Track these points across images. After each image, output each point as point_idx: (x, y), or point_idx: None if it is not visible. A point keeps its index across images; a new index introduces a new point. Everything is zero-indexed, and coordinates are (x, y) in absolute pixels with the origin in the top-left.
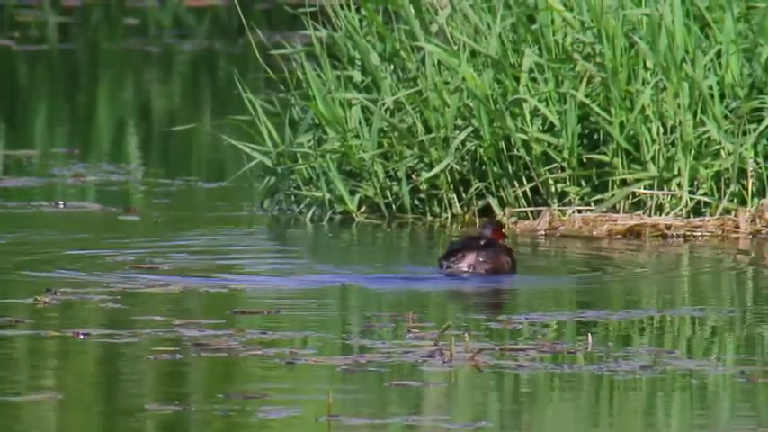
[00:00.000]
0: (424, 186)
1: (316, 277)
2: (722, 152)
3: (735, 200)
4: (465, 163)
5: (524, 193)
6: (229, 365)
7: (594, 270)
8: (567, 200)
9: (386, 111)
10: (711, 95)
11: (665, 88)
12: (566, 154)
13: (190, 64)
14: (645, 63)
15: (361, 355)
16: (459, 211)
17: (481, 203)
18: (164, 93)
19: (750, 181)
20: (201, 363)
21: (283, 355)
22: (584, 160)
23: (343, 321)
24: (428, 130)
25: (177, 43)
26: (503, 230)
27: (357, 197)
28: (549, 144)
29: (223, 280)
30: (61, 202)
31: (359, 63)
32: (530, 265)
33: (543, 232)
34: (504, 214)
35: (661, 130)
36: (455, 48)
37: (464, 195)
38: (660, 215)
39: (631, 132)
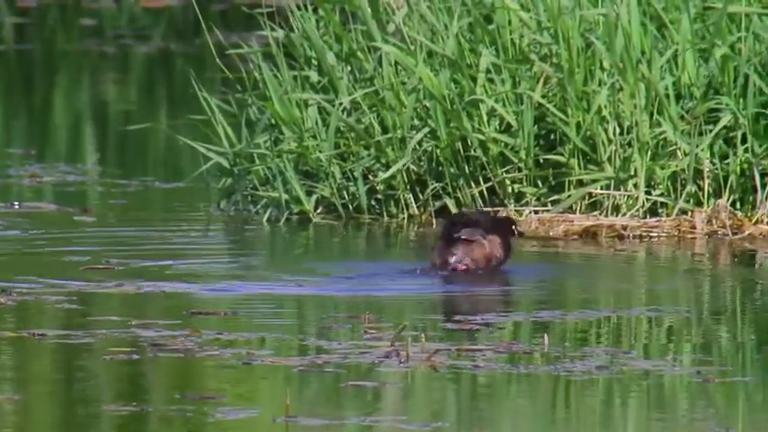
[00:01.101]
0: (380, 187)
1: (272, 278)
2: (678, 153)
3: (691, 200)
4: (422, 163)
5: (481, 194)
6: (186, 366)
7: (551, 271)
8: (523, 200)
9: (343, 111)
10: (668, 96)
11: (621, 89)
12: (522, 154)
13: (146, 64)
14: (601, 63)
15: (318, 356)
16: (416, 212)
17: (438, 204)
18: (120, 93)
19: (706, 182)
20: (158, 363)
21: (240, 355)
22: (541, 161)
23: (299, 322)
24: (385, 131)
25: (133, 44)
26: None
27: (314, 198)
28: (506, 144)
29: (179, 281)
30: (17, 203)
31: (315, 63)
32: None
33: None
34: None
35: (617, 130)
36: (412, 48)
37: (421, 196)
38: (616, 216)
39: (588, 133)
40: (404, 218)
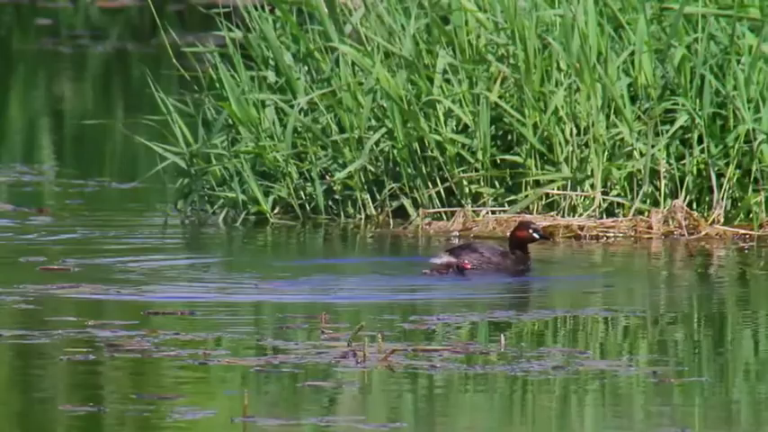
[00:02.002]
0: (337, 187)
1: (229, 278)
2: (635, 153)
3: (647, 201)
4: (379, 164)
5: (438, 194)
6: (143, 366)
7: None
8: (480, 201)
9: (300, 111)
10: (624, 97)
11: (578, 89)
12: (479, 155)
13: (102, 64)
14: (558, 64)
15: (275, 356)
16: (373, 212)
17: (395, 204)
18: (77, 93)
19: (663, 182)
20: (115, 364)
21: (197, 356)
22: (498, 161)
23: (256, 322)
24: (342, 131)
25: (90, 44)
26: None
27: (271, 198)
28: (463, 145)
29: (136, 281)
30: None
31: (273, 64)
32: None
33: (457, 233)
34: (418, 215)
35: (574, 131)
36: (369, 49)
37: (378, 196)
38: (573, 216)
39: (545, 133)
40: (361, 218)
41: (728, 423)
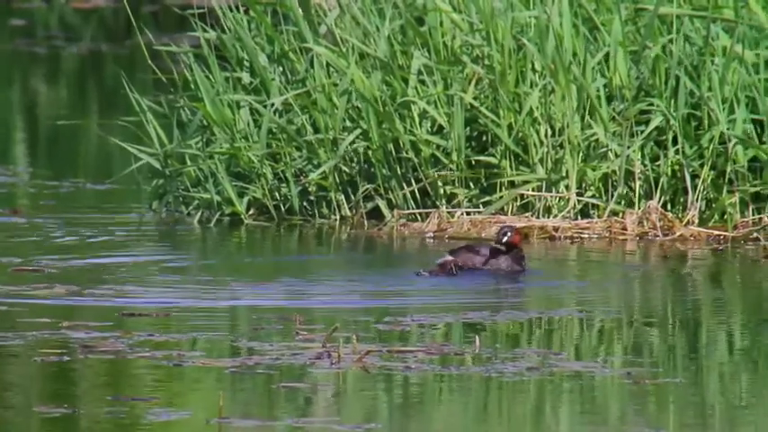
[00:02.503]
0: (312, 188)
1: (204, 279)
2: (610, 154)
3: (622, 202)
4: (353, 165)
5: (413, 195)
6: (117, 368)
7: (484, 273)
8: (455, 202)
9: (274, 112)
10: (599, 98)
11: (553, 90)
12: (454, 156)
13: (77, 65)
14: (533, 65)
15: (250, 358)
16: (348, 213)
17: (370, 205)
18: (51, 94)
19: (637, 183)
20: (89, 365)
21: (171, 357)
22: (473, 162)
23: (231, 323)
24: (316, 132)
25: (64, 44)
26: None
27: (246, 199)
28: (438, 146)
29: (111, 282)
30: None
31: (247, 65)
32: (418, 266)
33: (432, 234)
34: (393, 216)
35: (549, 132)
36: (344, 50)
37: (353, 197)
38: (548, 217)
39: (519, 134)
40: (336, 219)
41: (703, 424)
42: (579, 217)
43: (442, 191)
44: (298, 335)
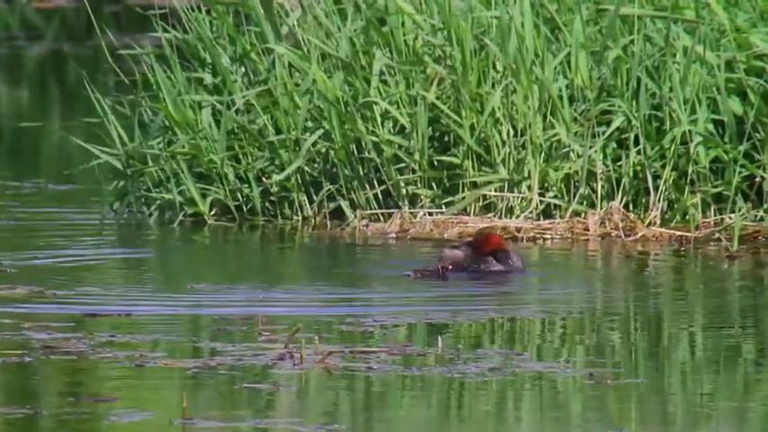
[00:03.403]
0: (274, 189)
1: (166, 280)
2: (572, 155)
3: (584, 202)
4: (316, 165)
5: (375, 196)
6: (79, 368)
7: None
8: (417, 202)
9: (236, 112)
10: (561, 98)
11: (514, 90)
12: (416, 156)
13: (38, 65)
14: (495, 65)
15: (212, 358)
16: (311, 214)
17: (332, 206)
18: (12, 94)
19: (599, 183)
20: (51, 366)
21: (133, 357)
22: (435, 162)
23: (193, 324)
24: (279, 132)
25: (25, 45)
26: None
27: (208, 199)
28: (400, 146)
29: (72, 283)
30: None
31: (209, 65)
32: (382, 267)
33: (394, 235)
34: (356, 216)
35: (511, 132)
36: (306, 50)
37: (315, 198)
38: (510, 218)
39: (482, 135)
40: (298, 220)
41: (665, 424)
42: (541, 217)
43: (404, 191)
44: (260, 336)
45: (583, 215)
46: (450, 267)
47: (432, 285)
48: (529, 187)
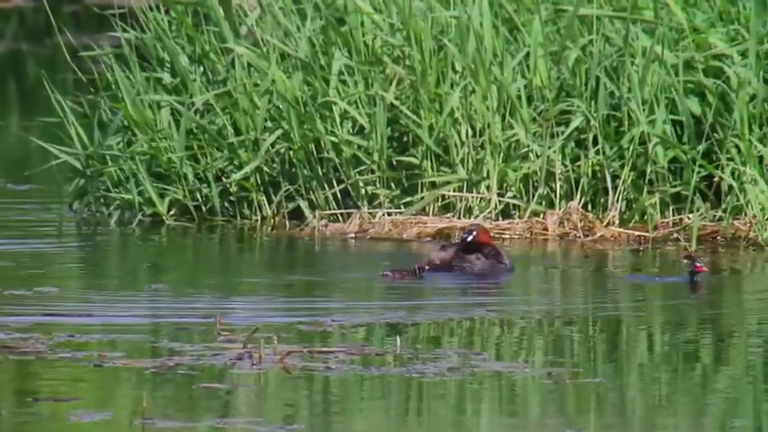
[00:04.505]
0: (233, 189)
1: (124, 280)
2: (530, 155)
3: (543, 202)
4: (275, 165)
5: (334, 196)
6: (38, 369)
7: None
8: (376, 202)
9: (195, 112)
10: (520, 98)
11: (473, 91)
12: (375, 156)
13: None
14: (454, 66)
15: (170, 358)
16: (269, 214)
17: (291, 206)
18: None
19: (558, 184)
20: (9, 366)
21: (92, 357)
22: (394, 163)
23: (151, 324)
24: (238, 133)
25: None
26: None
27: (167, 200)
28: (359, 146)
29: (31, 283)
30: None
31: (168, 65)
32: (339, 267)
33: (353, 235)
34: (315, 217)
35: (470, 132)
36: (265, 50)
37: (274, 198)
38: (469, 218)
39: (440, 135)
40: (257, 219)
41: (623, 424)
42: (500, 217)
43: (363, 191)
44: (219, 335)
45: (542, 215)
46: (427, 267)
47: (394, 287)
48: (488, 187)
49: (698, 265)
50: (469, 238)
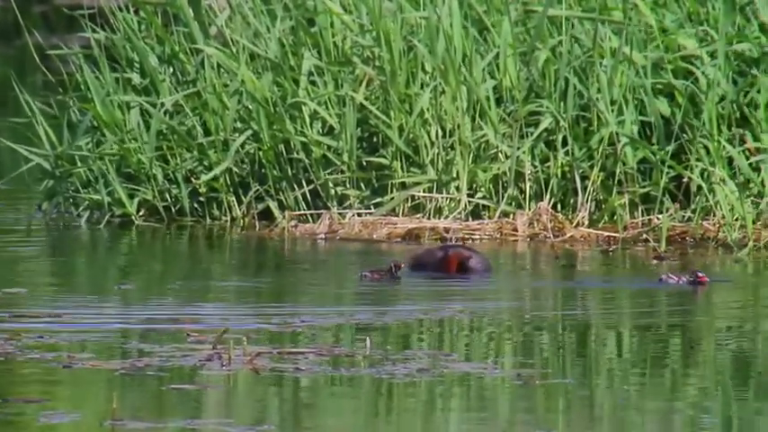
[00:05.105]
0: (203, 189)
1: (94, 281)
2: (500, 156)
3: (513, 203)
4: (244, 166)
5: (304, 196)
6: (7, 370)
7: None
8: (346, 203)
9: (165, 113)
10: (489, 99)
11: (443, 91)
12: (345, 157)
13: None
14: (423, 66)
15: (140, 359)
16: (239, 214)
17: (261, 206)
18: None
19: (528, 184)
20: None
21: (61, 359)
22: (364, 163)
23: (121, 325)
24: (207, 133)
25: None
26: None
27: (136, 200)
28: (329, 147)
29: None
30: None
31: (138, 65)
32: (310, 267)
33: (323, 236)
34: (284, 217)
35: (440, 133)
36: (234, 50)
37: (244, 198)
38: (439, 218)
39: (410, 135)
40: (227, 220)
41: (592, 424)
42: (470, 218)
43: (333, 192)
44: (189, 336)
45: (511, 216)
46: (402, 266)
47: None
48: (457, 188)
49: (700, 275)
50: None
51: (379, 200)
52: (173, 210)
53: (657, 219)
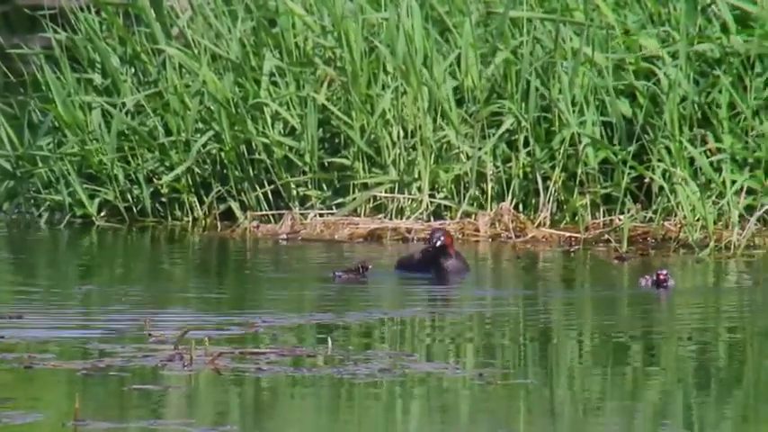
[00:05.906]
0: (164, 190)
1: (54, 282)
2: (462, 156)
3: (474, 203)
4: (206, 166)
5: (266, 197)
6: None
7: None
8: (308, 203)
9: (126, 114)
10: (450, 100)
11: (405, 92)
12: (307, 158)
13: None
14: (385, 67)
15: (101, 360)
16: (201, 215)
17: (223, 207)
18: None
19: (489, 185)
20: None
21: (22, 359)
22: (326, 164)
23: (82, 326)
24: (169, 134)
25: None
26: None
27: (97, 201)
28: (291, 148)
29: None
30: None
31: (99, 66)
32: (271, 268)
33: (285, 236)
34: (246, 218)
35: (401, 134)
36: (196, 51)
37: (205, 199)
38: (401, 219)
39: (372, 136)
40: (188, 221)
41: (553, 425)
42: (432, 218)
43: (294, 192)
44: (150, 337)
45: (473, 216)
46: (370, 267)
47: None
48: (419, 188)
49: (661, 273)
50: (438, 243)
51: (340, 200)
52: (134, 210)
53: (619, 219)
